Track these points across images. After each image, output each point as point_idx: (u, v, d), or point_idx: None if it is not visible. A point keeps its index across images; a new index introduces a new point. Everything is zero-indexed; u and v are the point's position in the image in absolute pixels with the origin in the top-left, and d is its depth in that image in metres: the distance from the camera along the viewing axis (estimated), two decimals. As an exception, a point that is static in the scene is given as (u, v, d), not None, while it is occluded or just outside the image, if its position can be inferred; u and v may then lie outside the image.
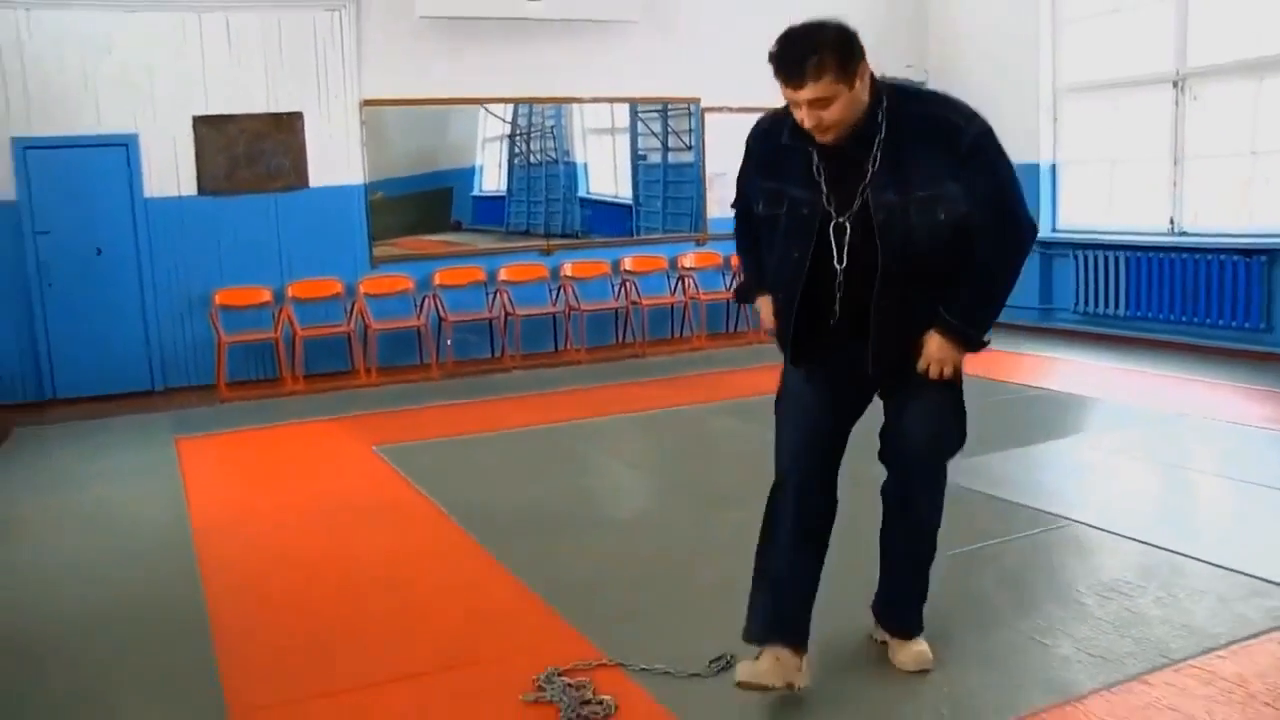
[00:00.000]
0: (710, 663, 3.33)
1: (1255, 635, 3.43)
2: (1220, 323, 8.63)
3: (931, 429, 3.15)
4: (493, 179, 9.96)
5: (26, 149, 8.29)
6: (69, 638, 3.95)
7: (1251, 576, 3.90)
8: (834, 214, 2.92)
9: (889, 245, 2.88)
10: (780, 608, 3.09)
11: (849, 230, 2.91)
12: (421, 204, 9.77)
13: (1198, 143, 9.00)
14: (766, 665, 3.00)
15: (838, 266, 2.93)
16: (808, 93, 2.73)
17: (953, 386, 3.14)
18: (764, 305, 3.31)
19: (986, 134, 2.89)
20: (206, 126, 8.81)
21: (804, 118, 2.80)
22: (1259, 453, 5.80)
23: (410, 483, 5.78)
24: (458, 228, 9.90)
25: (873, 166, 2.87)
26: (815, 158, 2.93)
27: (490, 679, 3.38)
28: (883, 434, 3.22)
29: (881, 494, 3.29)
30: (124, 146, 8.57)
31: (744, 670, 3.00)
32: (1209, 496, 5.23)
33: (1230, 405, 6.87)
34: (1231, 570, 3.97)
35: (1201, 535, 4.48)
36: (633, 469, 6.20)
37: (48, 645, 3.89)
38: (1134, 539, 4.37)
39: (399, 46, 9.34)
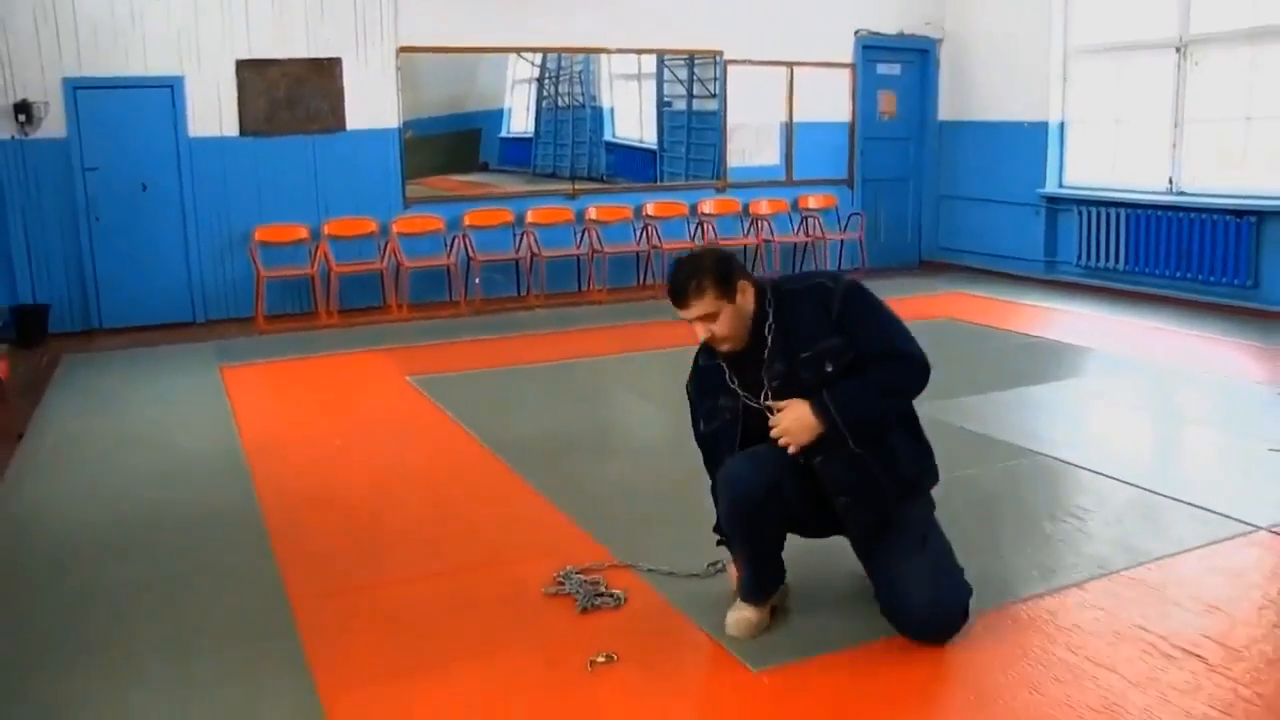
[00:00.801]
0: (708, 565, 3.81)
1: (1184, 551, 3.93)
2: (1212, 279, 9.04)
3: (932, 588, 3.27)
4: (521, 121, 10.36)
5: (77, 89, 8.72)
6: (139, 535, 4.46)
7: (1187, 503, 4.42)
8: (750, 400, 3.29)
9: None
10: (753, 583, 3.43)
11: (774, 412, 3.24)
12: (451, 144, 10.17)
13: (1197, 107, 9.35)
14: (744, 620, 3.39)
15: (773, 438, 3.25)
16: (695, 310, 3.17)
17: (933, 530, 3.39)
18: None
19: (854, 287, 3.26)
20: (249, 70, 9.22)
21: (699, 333, 3.24)
22: (1232, 401, 6.26)
23: (442, 409, 6.27)
24: (485, 168, 10.31)
25: (767, 348, 3.25)
26: (727, 369, 3.33)
27: (515, 575, 3.88)
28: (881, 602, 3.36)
29: None
30: (170, 88, 9.00)
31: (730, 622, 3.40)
32: (1175, 439, 5.73)
33: (1214, 357, 7.30)
34: (1171, 498, 4.48)
35: (1159, 471, 5.00)
36: (648, 401, 6.66)
37: (121, 540, 4.40)
38: (1098, 472, 4.85)
39: (434, -4, 9.75)
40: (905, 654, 3.22)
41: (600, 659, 3.23)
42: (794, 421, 3.16)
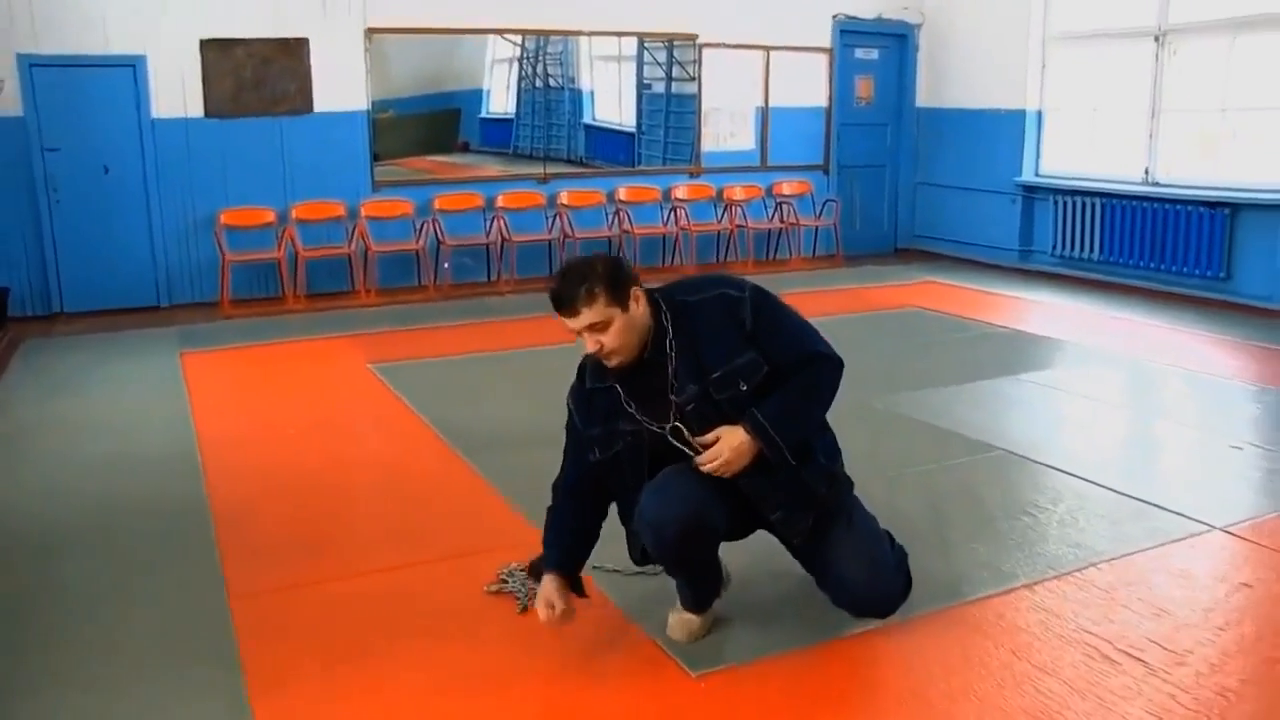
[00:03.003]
0: (652, 564, 3.74)
1: (1133, 552, 3.88)
2: (1185, 270, 8.99)
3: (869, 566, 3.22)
4: (501, 102, 10.26)
5: (33, 66, 8.54)
6: (83, 531, 4.37)
7: (1143, 501, 4.37)
8: (660, 429, 3.04)
9: (703, 428, 3.02)
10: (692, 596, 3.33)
11: (685, 431, 3.04)
12: (430, 124, 10.08)
13: (1174, 96, 9.29)
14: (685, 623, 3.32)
15: (693, 456, 3.05)
16: (584, 319, 2.91)
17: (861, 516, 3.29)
18: (546, 584, 3.16)
19: (759, 293, 3.08)
20: (214, 50, 9.08)
21: (588, 345, 2.96)
22: (1200, 397, 6.22)
23: (401, 399, 6.19)
24: (465, 149, 10.22)
25: (671, 366, 3.01)
26: (621, 391, 3.06)
27: (460, 572, 3.81)
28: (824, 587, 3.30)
29: None
30: (131, 68, 8.85)
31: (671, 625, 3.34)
32: (1140, 435, 5.67)
33: (1185, 351, 7.25)
34: (1128, 496, 4.44)
35: (1119, 469, 4.93)
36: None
37: (63, 537, 4.31)
38: (1057, 469, 4.79)
39: (404, -25, 9.62)
40: (845, 659, 3.17)
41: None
42: (733, 452, 2.97)
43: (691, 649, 3.22)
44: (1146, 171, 9.48)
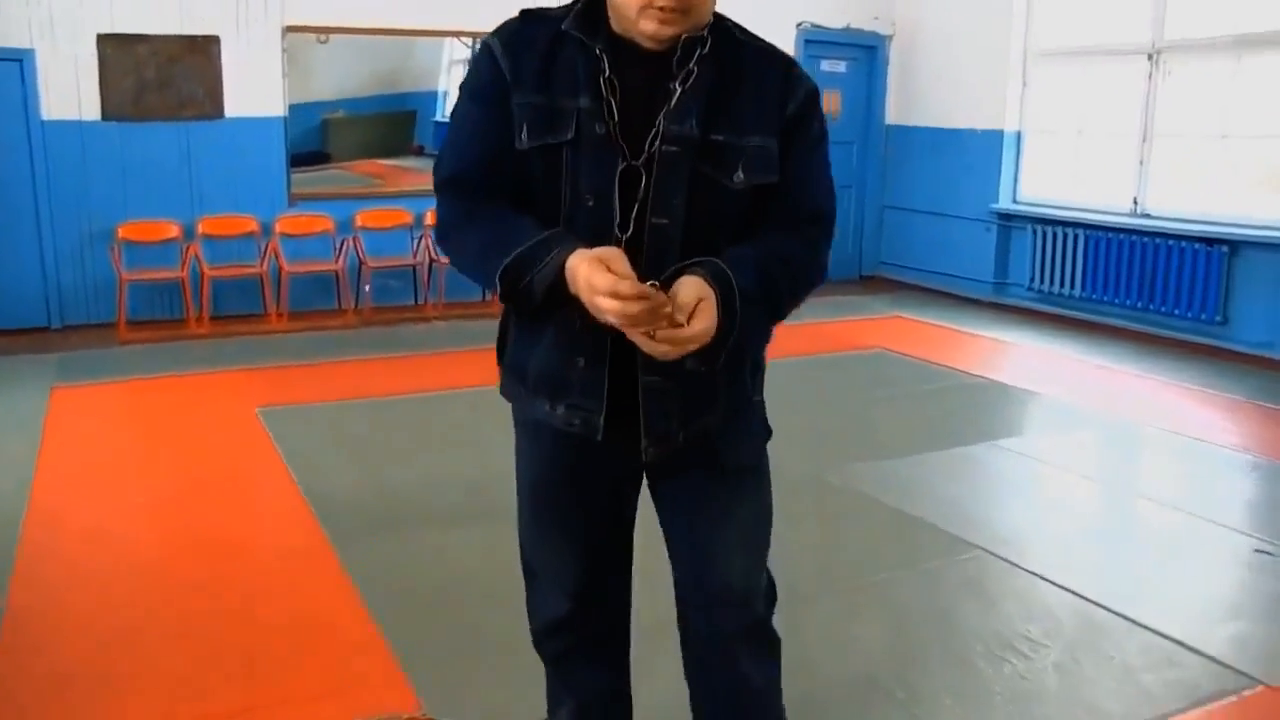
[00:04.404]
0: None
1: (1158, 719, 3.02)
2: (1177, 312, 8.19)
3: (748, 561, 2.24)
4: (458, 104, 9.46)
5: (-97, 58, 7.64)
6: None
7: (1167, 638, 3.49)
8: (624, 151, 1.95)
9: (663, 199, 1.94)
10: None
11: (643, 180, 1.94)
12: (383, 125, 9.35)
13: (1168, 121, 8.50)
14: None
15: (619, 235, 1.94)
16: None
17: (764, 486, 2.26)
18: (583, 264, 1.82)
19: (817, 96, 2.08)
20: (113, 46, 8.15)
21: None
22: (1205, 473, 5.39)
23: (280, 456, 5.30)
24: (419, 152, 9.46)
25: (681, 88, 1.95)
26: (605, 63, 1.95)
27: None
28: (679, 572, 2.27)
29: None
30: (19, 63, 7.91)
31: None
32: (1142, 528, 4.79)
33: (1182, 412, 6.43)
34: (1147, 628, 3.56)
35: (1124, 581, 4.04)
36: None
37: None
38: (1049, 580, 3.94)
39: (326, -32, 8.72)
40: None
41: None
42: (705, 332, 1.82)
43: None
44: (1135, 201, 8.70)
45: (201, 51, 8.41)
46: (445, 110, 9.35)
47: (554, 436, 2.11)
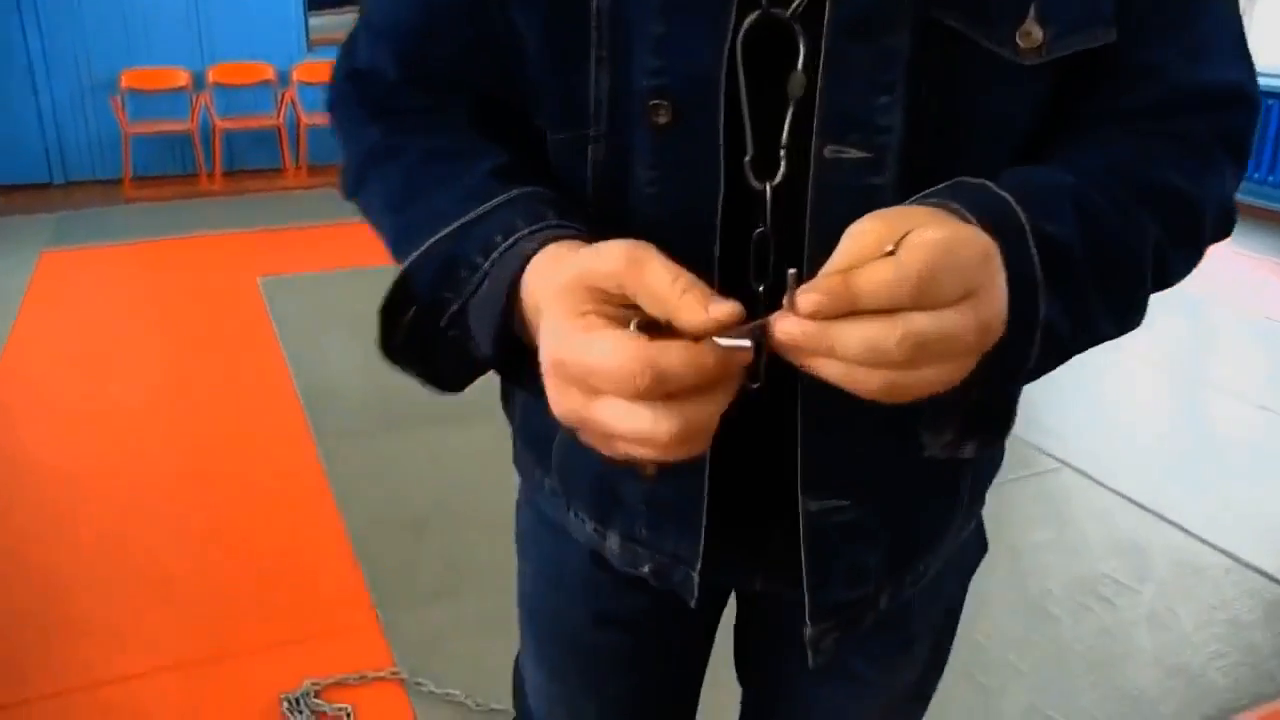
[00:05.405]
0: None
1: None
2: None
3: None
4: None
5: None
6: None
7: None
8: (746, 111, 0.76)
9: (848, 91, 0.74)
10: None
11: (800, 55, 0.74)
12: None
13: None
14: None
15: (758, 185, 0.77)
16: None
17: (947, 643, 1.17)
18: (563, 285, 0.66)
19: None
20: None
21: None
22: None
23: (276, 334, 4.81)
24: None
25: None
26: None
27: (233, 687, 2.49)
28: None
29: None
30: (3, -108, 7.30)
31: None
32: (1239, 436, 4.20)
33: (1260, 289, 5.77)
34: (1259, 571, 3.00)
35: (1221, 506, 3.47)
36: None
37: None
38: (1139, 504, 3.37)
39: None
40: None
41: None
42: (975, 329, 0.62)
43: None
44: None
45: (207, -125, 7.71)
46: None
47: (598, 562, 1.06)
